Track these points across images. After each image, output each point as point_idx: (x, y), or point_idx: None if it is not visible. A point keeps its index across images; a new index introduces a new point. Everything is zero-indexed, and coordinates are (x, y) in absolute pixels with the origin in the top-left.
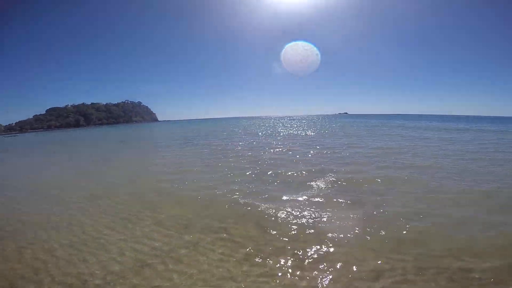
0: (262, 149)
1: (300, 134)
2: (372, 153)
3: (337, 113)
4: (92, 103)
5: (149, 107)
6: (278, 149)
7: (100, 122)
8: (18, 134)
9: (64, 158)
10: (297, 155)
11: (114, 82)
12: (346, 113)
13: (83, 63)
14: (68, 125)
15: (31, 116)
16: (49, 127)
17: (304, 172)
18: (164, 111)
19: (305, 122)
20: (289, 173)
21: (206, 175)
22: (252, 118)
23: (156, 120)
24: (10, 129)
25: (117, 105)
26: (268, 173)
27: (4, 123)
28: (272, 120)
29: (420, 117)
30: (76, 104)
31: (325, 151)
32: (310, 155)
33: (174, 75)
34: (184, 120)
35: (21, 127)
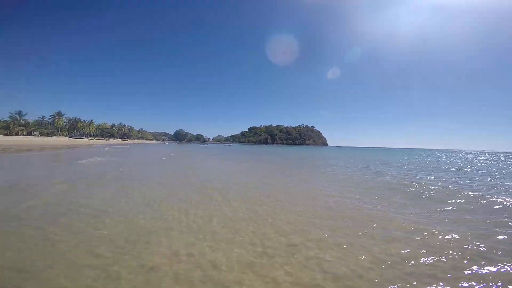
0: None
1: None
2: None
3: None
4: (277, 125)
5: (320, 131)
6: None
7: (281, 142)
8: (231, 144)
9: None
10: None
11: (294, 107)
12: None
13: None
14: (260, 142)
15: (239, 132)
16: (248, 141)
17: None
18: (333, 136)
19: None
20: None
21: None
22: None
23: (326, 144)
24: (226, 140)
25: (295, 128)
26: None
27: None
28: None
29: None
30: (267, 125)
31: None
32: None
33: (341, 104)
34: (350, 146)
35: (234, 139)
